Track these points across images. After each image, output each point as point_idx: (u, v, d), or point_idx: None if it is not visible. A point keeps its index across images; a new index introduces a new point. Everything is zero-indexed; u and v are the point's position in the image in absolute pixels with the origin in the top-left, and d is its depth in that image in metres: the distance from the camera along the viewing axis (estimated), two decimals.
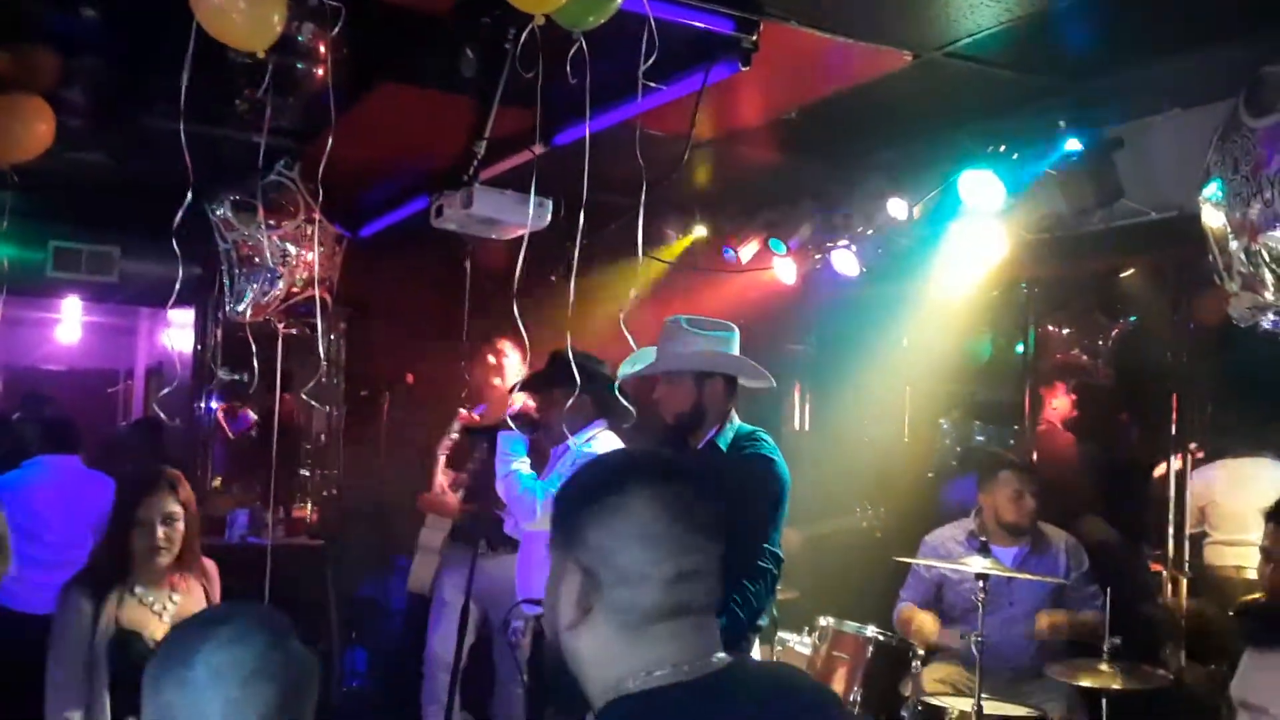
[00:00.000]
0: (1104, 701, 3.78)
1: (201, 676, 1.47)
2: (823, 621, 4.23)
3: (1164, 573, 4.91)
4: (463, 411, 5.17)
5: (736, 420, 3.58)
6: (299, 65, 3.15)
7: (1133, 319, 5.73)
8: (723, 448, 3.51)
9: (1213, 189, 3.28)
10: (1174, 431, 5.05)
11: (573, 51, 2.63)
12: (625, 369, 3.72)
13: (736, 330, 3.67)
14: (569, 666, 1.41)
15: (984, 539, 4.32)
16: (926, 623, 4.36)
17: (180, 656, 1.50)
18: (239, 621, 1.54)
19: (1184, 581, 4.84)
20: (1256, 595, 2.91)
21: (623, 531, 1.35)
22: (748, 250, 5.80)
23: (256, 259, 4.81)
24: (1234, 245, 3.23)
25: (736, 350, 3.62)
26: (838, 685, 3.99)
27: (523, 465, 4.04)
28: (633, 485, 1.39)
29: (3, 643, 4.96)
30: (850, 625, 4.17)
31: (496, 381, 5.08)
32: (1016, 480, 4.38)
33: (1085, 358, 6.21)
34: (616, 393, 3.70)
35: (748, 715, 1.34)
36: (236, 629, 1.52)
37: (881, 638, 4.11)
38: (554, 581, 1.41)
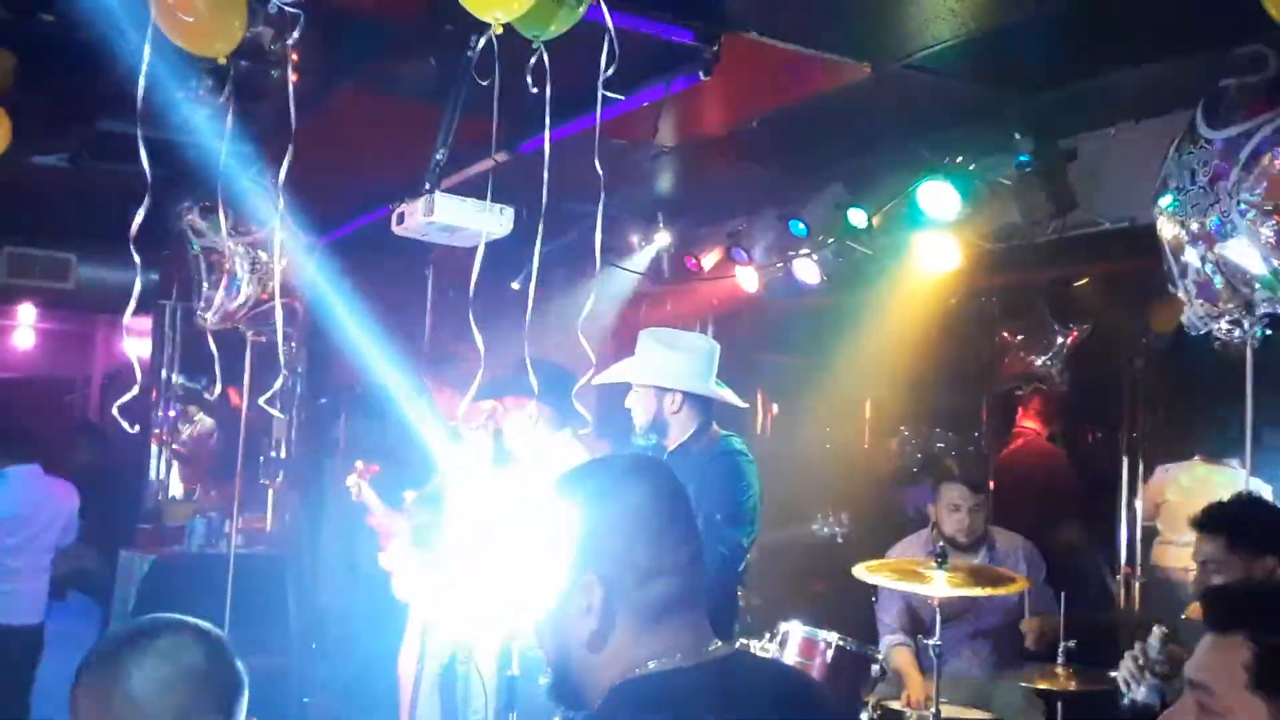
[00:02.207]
0: (1059, 704, 3.83)
1: (138, 689, 1.45)
2: (784, 626, 4.25)
3: (1118, 576, 4.99)
4: (359, 464, 5.13)
5: (715, 428, 3.64)
6: (261, 70, 3.14)
7: (1087, 327, 5.82)
8: (693, 450, 3.58)
9: (1169, 199, 3.34)
10: (1128, 438, 5.13)
11: (533, 60, 2.64)
12: (601, 376, 3.75)
13: (709, 346, 3.74)
14: (572, 678, 1.41)
15: (942, 547, 4.34)
16: (914, 684, 4.28)
17: (115, 669, 1.47)
18: (172, 634, 1.52)
19: (1136, 585, 4.91)
20: (1161, 628, 2.91)
21: (634, 533, 1.39)
22: (710, 258, 5.83)
23: (225, 265, 4.77)
24: (1190, 254, 3.30)
25: (707, 366, 3.66)
26: None
27: None
28: (630, 487, 1.43)
29: None
30: (811, 630, 4.18)
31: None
32: (955, 494, 4.38)
33: (1042, 366, 6.29)
34: (574, 401, 3.73)
35: (748, 698, 1.38)
36: (170, 641, 1.50)
37: (842, 643, 4.12)
38: (557, 602, 1.41)
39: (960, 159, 4.35)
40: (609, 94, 2.76)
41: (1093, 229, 4.36)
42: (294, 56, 2.83)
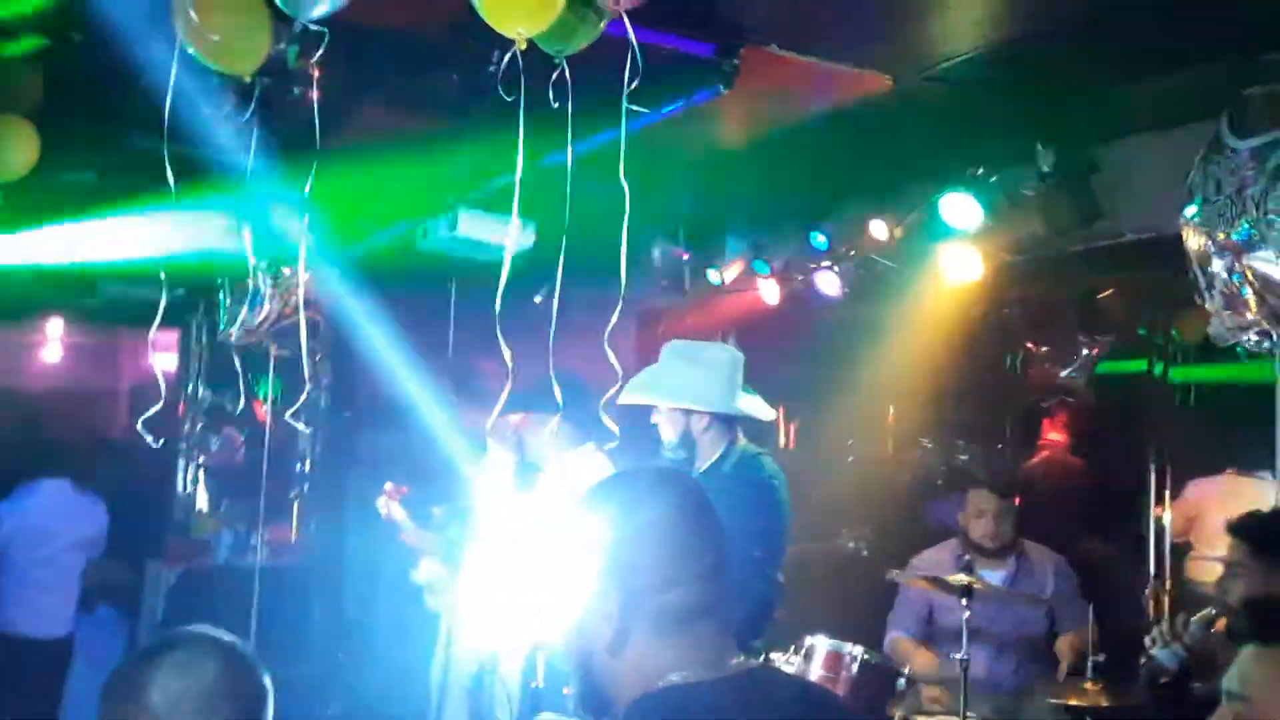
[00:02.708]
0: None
1: (157, 704, 1.47)
2: (809, 640, 4.22)
3: (1147, 590, 4.94)
4: (389, 486, 5.15)
5: (742, 443, 3.62)
6: (286, 87, 3.17)
7: (1112, 339, 5.77)
8: (725, 472, 3.55)
9: (1194, 209, 3.32)
10: (1156, 451, 5.09)
11: (555, 75, 2.66)
12: (624, 395, 3.72)
13: (733, 358, 3.69)
14: (596, 685, 1.43)
15: (969, 559, 4.32)
16: (921, 661, 4.27)
17: (135, 685, 1.49)
18: (190, 648, 1.54)
19: (1165, 599, 4.86)
20: (1211, 610, 2.92)
21: (652, 540, 1.41)
22: (731, 271, 5.83)
23: (248, 281, 4.81)
24: (1217, 265, 3.27)
25: (732, 381, 3.63)
26: None
27: None
28: (655, 497, 1.46)
29: (7, 668, 4.93)
30: (837, 644, 4.16)
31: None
32: (982, 499, 4.36)
33: (1067, 378, 6.25)
34: (601, 414, 3.72)
35: (769, 716, 1.39)
36: (189, 654, 1.52)
37: (868, 657, 4.10)
38: (580, 611, 1.43)
39: (982, 170, 4.34)
40: (632, 108, 2.77)
41: (1117, 240, 4.33)
42: (318, 74, 2.86)
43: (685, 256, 5.92)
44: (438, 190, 3.46)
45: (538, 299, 5.06)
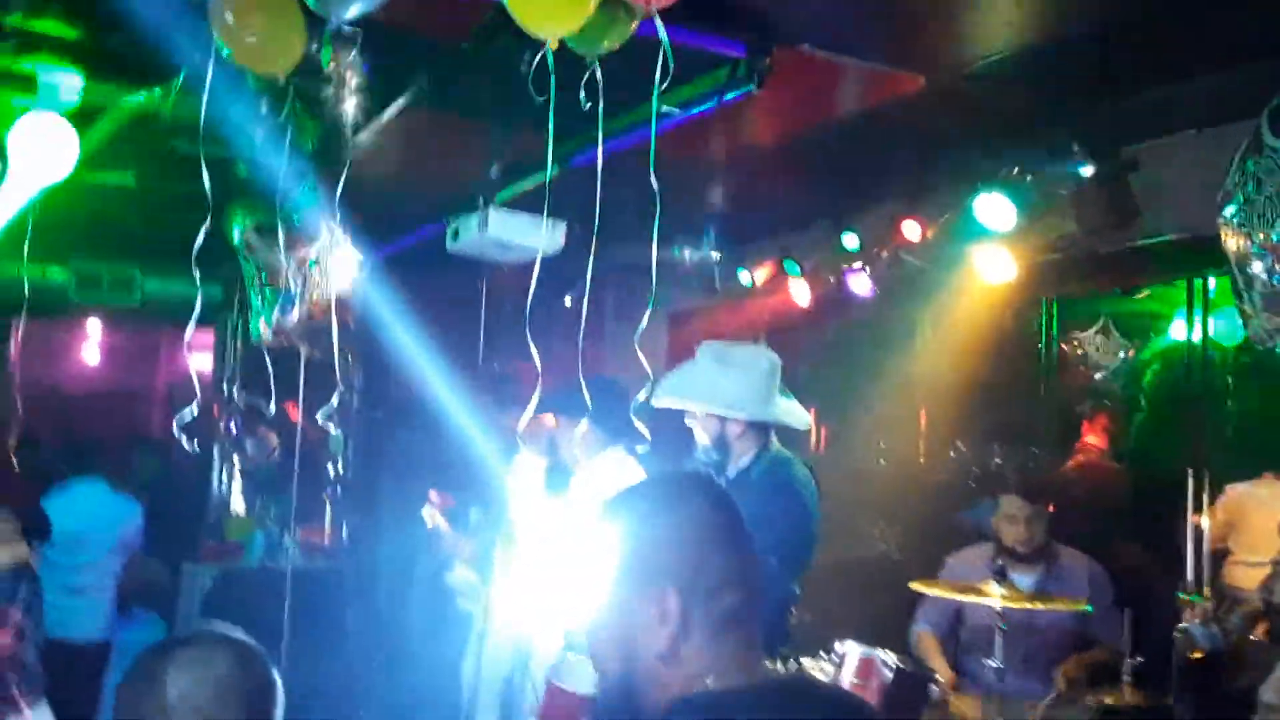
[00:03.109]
0: None
1: (171, 699, 1.52)
2: (841, 646, 4.19)
3: (1182, 595, 4.86)
4: (433, 493, 5.17)
5: (775, 447, 3.58)
6: (320, 89, 3.19)
7: (1148, 341, 5.71)
8: (753, 478, 3.52)
9: (1233, 209, 3.27)
10: (1195, 453, 5.01)
11: (586, 77, 2.66)
12: (659, 397, 3.67)
13: (771, 363, 3.62)
14: (629, 692, 1.42)
15: (1001, 564, 4.27)
16: (938, 666, 4.24)
17: (149, 682, 1.55)
18: (201, 645, 1.61)
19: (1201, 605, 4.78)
20: (1258, 606, 2.87)
21: (699, 544, 1.41)
22: (762, 272, 5.81)
23: (278, 281, 4.84)
24: (1257, 266, 3.22)
25: (769, 386, 3.59)
26: None
27: None
28: (690, 502, 1.46)
29: (45, 672, 4.99)
30: (868, 650, 4.12)
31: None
32: (1014, 504, 4.31)
33: (1104, 380, 6.18)
34: (632, 418, 3.71)
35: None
36: (200, 651, 1.58)
37: (901, 664, 4.06)
38: (624, 616, 1.42)
39: (1017, 170, 4.29)
40: (663, 108, 2.76)
41: (1156, 240, 4.28)
42: (351, 75, 2.87)
43: (716, 257, 5.90)
44: (468, 190, 3.46)
45: (568, 301, 5.09)
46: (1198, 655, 3.09)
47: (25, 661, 3.65)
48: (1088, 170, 4.13)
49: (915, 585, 4.32)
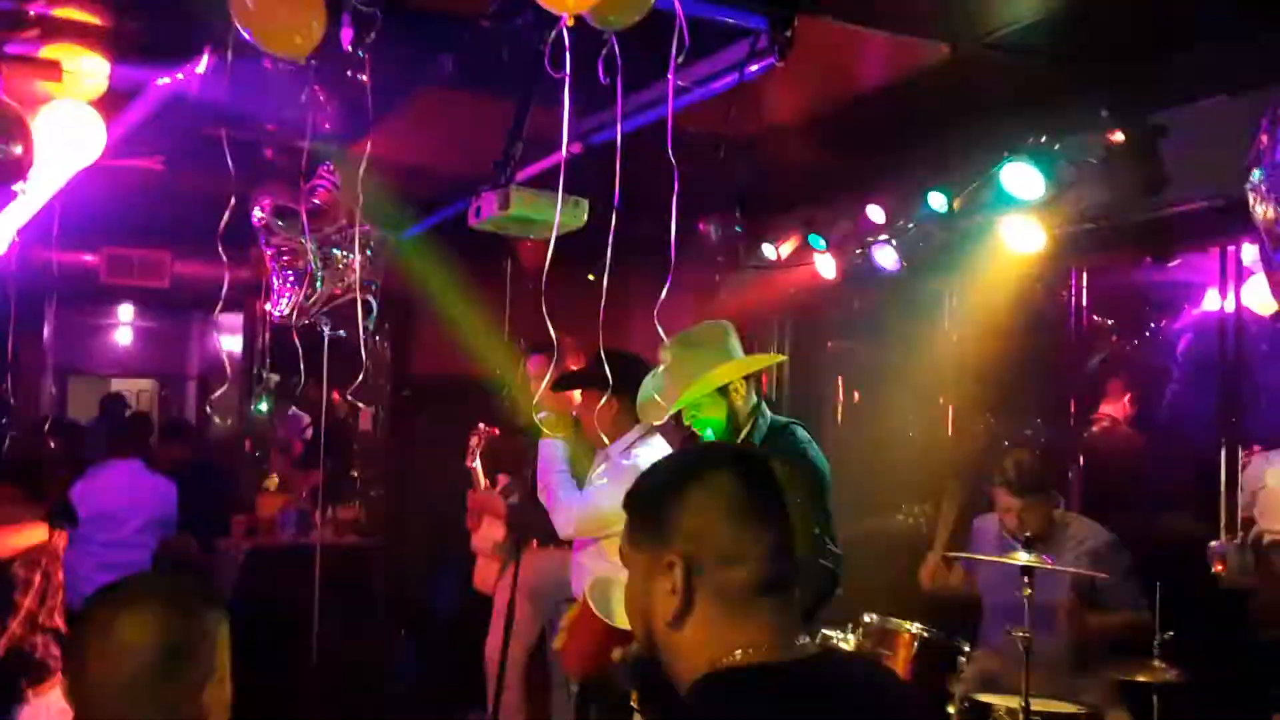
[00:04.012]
0: (1154, 697, 3.72)
1: (113, 649, 1.54)
2: (867, 618, 4.20)
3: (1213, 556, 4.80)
4: (481, 425, 5.19)
5: (768, 413, 3.55)
6: (340, 69, 3.20)
7: (1178, 310, 5.64)
8: (757, 444, 3.49)
9: (1260, 175, 3.21)
10: (1228, 423, 4.96)
11: (604, 51, 2.65)
12: (661, 411, 3.64)
13: (724, 324, 3.60)
14: (659, 665, 1.43)
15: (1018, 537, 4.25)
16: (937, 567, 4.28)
17: (96, 628, 1.57)
18: (149, 596, 1.61)
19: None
20: None
21: (716, 512, 1.41)
22: (787, 246, 5.78)
23: (301, 262, 4.87)
24: None
25: (736, 341, 3.57)
26: None
27: (562, 474, 4.04)
28: (712, 469, 1.45)
29: None
30: (895, 622, 4.13)
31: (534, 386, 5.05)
32: (1002, 498, 4.28)
33: (1133, 349, 6.12)
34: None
35: (838, 703, 1.38)
36: (148, 602, 1.59)
37: (927, 634, 4.06)
38: (642, 582, 1.43)
39: (1045, 138, 4.24)
40: (682, 83, 2.75)
41: (1185, 207, 4.22)
42: (370, 56, 2.88)
43: (740, 231, 5.88)
44: (489, 168, 3.46)
45: (591, 276, 5.07)
46: (1219, 569, 3.05)
47: (35, 647, 3.70)
48: (1117, 137, 4.07)
49: (946, 554, 4.32)
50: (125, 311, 9.31)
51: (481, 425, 5.20)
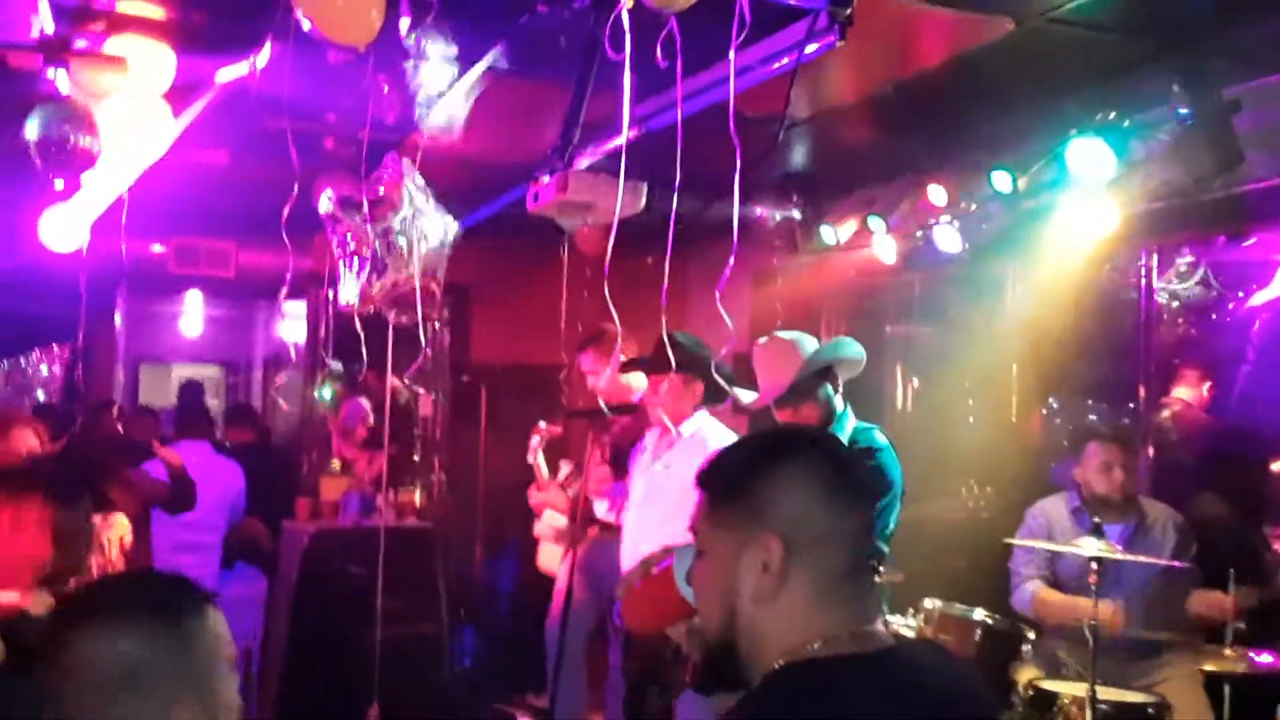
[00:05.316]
0: (1225, 688, 3.64)
1: (71, 669, 1.46)
2: (929, 604, 4.16)
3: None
4: (541, 425, 5.21)
5: (851, 418, 3.59)
6: (396, 59, 3.23)
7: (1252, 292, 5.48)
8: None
9: None
10: None
11: (663, 34, 2.63)
12: (762, 401, 3.69)
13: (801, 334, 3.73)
14: (735, 647, 1.42)
15: (1095, 519, 4.18)
16: (1075, 603, 4.16)
17: (60, 642, 1.49)
18: (123, 608, 1.52)
19: None
20: None
21: (811, 491, 1.40)
22: (846, 229, 5.72)
23: (365, 250, 4.92)
24: None
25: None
26: None
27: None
28: (799, 452, 1.44)
29: None
30: (958, 608, 4.09)
31: (591, 381, 5.06)
32: (1104, 451, 4.25)
33: (1203, 332, 5.96)
34: (716, 376, 3.71)
35: (915, 698, 1.36)
36: (123, 617, 1.50)
37: (990, 621, 4.02)
38: (727, 560, 1.42)
39: (1113, 115, 4.14)
40: (741, 66, 2.72)
41: (1260, 184, 4.09)
42: (426, 43, 2.89)
43: (798, 214, 5.83)
44: (544, 155, 3.47)
45: (650, 260, 5.06)
46: None
47: None
48: (1190, 113, 3.96)
49: (1009, 540, 4.27)
50: (193, 300, 9.50)
51: (543, 424, 5.23)
